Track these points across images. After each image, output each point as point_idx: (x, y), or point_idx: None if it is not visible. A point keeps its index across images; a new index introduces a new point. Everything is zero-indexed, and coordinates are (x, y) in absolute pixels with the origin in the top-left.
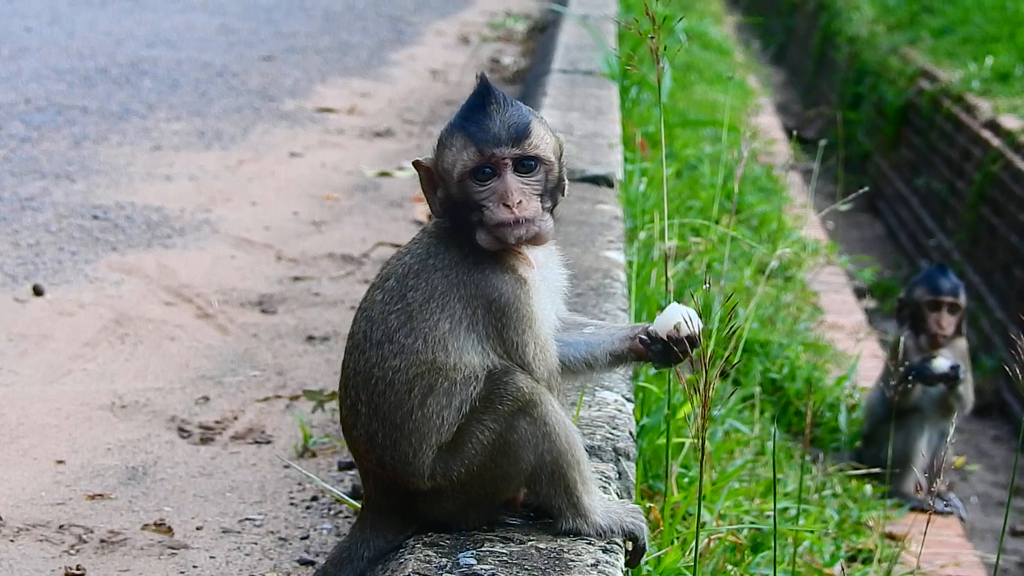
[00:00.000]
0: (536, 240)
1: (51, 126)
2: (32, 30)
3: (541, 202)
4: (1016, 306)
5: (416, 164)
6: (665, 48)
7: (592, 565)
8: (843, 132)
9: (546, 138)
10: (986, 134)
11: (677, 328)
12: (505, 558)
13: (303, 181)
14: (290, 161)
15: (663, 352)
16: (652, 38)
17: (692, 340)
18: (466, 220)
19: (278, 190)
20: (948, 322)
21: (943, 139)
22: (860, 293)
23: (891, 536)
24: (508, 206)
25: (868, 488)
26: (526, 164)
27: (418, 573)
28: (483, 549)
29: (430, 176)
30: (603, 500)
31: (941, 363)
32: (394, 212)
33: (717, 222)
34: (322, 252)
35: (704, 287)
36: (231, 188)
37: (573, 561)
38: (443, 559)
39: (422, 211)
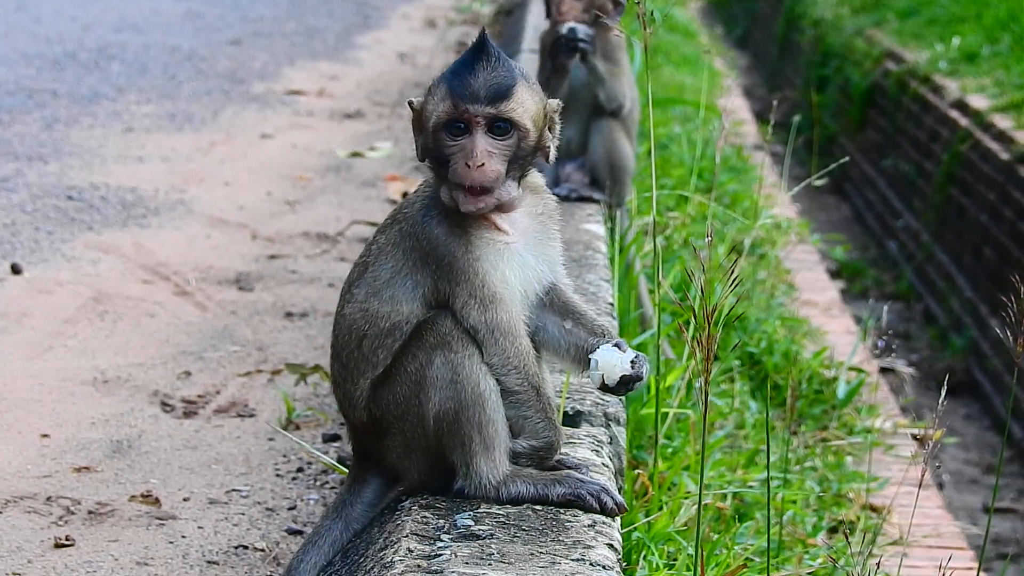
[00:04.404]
0: (501, 208)
1: (22, 109)
2: None
3: (508, 168)
4: (985, 286)
5: (410, 104)
6: (649, 14)
7: (589, 525)
8: (811, 114)
9: (527, 103)
10: (954, 114)
11: (608, 378)
12: (502, 519)
13: (275, 162)
14: (261, 143)
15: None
16: (638, 3)
17: (631, 380)
18: (438, 172)
19: (251, 171)
20: (569, 6)
21: (910, 120)
22: (831, 273)
23: (872, 508)
24: (468, 166)
25: (849, 460)
26: (500, 126)
27: (416, 534)
28: (479, 511)
29: (419, 119)
30: (511, 470)
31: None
32: (367, 191)
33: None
34: (297, 231)
35: (707, 240)
36: (204, 169)
37: (570, 522)
38: (440, 520)
39: (395, 190)
